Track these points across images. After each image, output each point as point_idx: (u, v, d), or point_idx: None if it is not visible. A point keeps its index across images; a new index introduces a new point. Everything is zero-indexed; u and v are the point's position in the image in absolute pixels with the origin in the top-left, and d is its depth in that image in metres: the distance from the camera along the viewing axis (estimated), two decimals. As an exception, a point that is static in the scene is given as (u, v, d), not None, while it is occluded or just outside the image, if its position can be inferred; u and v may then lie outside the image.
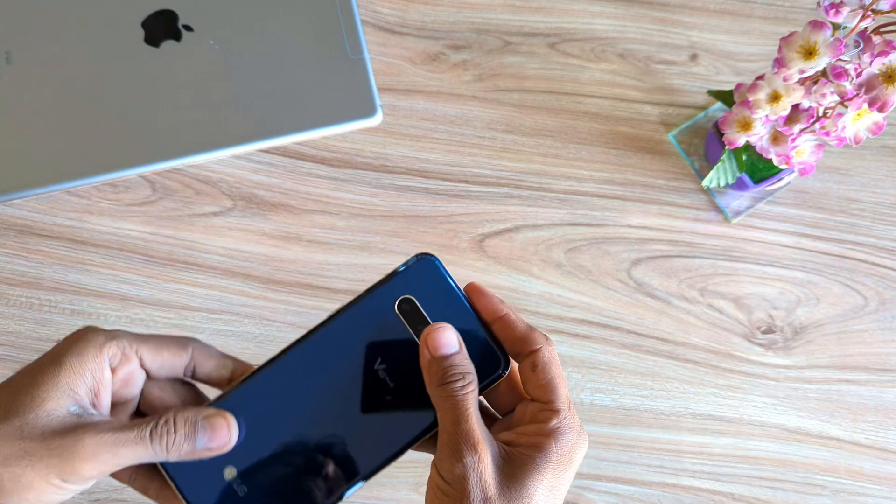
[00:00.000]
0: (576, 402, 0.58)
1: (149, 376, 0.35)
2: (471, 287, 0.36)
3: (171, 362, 0.34)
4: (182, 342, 0.35)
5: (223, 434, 0.33)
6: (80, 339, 0.33)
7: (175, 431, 0.32)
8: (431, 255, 0.35)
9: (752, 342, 0.59)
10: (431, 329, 0.34)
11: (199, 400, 0.36)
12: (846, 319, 0.59)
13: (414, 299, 0.35)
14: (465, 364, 0.34)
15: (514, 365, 0.36)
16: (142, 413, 0.35)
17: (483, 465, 0.31)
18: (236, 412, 0.34)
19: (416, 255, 0.35)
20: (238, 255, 0.59)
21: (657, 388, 0.58)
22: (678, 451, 0.57)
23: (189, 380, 0.36)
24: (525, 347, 0.35)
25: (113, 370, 0.33)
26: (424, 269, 0.35)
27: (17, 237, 0.59)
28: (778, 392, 0.58)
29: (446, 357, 0.34)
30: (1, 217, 0.59)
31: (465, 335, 0.35)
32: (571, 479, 0.34)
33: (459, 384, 0.33)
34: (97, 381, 0.32)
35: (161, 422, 0.32)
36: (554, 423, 0.33)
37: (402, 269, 0.35)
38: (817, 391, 0.58)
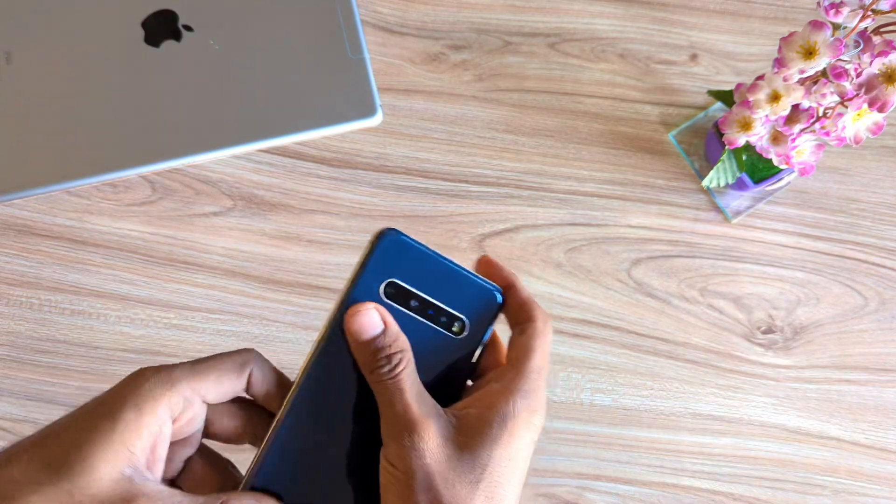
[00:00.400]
0: (576, 402, 0.58)
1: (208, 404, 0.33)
2: (483, 260, 0.35)
3: (231, 390, 0.32)
4: (240, 364, 0.32)
5: None
6: (137, 389, 0.30)
7: None
8: (390, 229, 0.33)
9: (752, 342, 0.59)
10: (350, 315, 0.32)
11: (261, 420, 0.34)
12: (846, 319, 0.59)
13: (396, 280, 0.33)
14: (393, 342, 0.32)
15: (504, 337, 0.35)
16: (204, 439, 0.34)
17: (425, 441, 0.30)
18: (276, 479, 0.32)
19: (376, 236, 0.33)
20: (238, 255, 0.59)
21: (657, 388, 0.58)
22: (678, 451, 0.57)
23: (248, 396, 0.34)
24: (522, 316, 0.34)
25: (174, 420, 0.31)
26: (390, 245, 0.33)
27: (17, 237, 0.59)
28: (778, 392, 0.58)
29: (370, 341, 0.32)
30: (1, 217, 0.59)
31: (452, 287, 0.34)
32: (531, 446, 0.32)
33: (386, 368, 0.31)
34: (155, 437, 0.30)
35: None
36: (515, 383, 0.32)
37: (371, 255, 0.33)
38: (817, 391, 0.58)
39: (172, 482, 0.33)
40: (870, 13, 0.43)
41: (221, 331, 0.58)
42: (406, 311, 0.34)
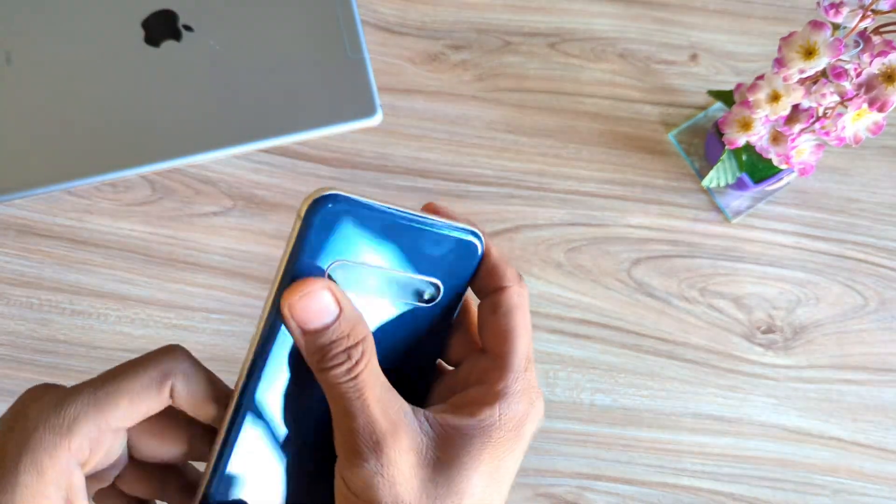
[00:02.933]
0: (576, 402, 0.58)
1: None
2: (428, 206, 0.29)
3: (148, 410, 0.26)
4: (158, 380, 0.26)
5: None
6: (28, 443, 0.24)
7: None
8: (328, 196, 0.25)
9: (752, 342, 0.59)
10: (292, 298, 0.25)
11: (197, 433, 0.29)
12: (846, 319, 0.59)
13: (343, 259, 0.26)
14: (350, 331, 0.25)
15: (474, 302, 0.30)
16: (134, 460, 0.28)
17: (395, 464, 0.24)
18: (231, 488, 0.28)
19: (309, 207, 0.25)
20: (238, 255, 0.59)
21: (657, 388, 0.58)
22: (678, 451, 0.57)
23: (176, 406, 0.28)
24: (491, 283, 0.28)
25: (83, 463, 0.25)
26: (331, 213, 0.25)
27: (17, 237, 0.59)
28: (778, 392, 0.58)
29: (320, 331, 0.25)
30: (1, 217, 0.59)
31: (418, 246, 0.27)
32: (520, 458, 0.27)
33: (343, 367, 0.25)
34: (66, 490, 0.24)
35: None
36: (500, 385, 0.26)
37: (307, 232, 0.25)
38: (817, 391, 0.58)
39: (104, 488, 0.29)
40: (870, 13, 0.43)
41: (221, 331, 0.58)
42: (362, 292, 0.27)
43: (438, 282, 0.28)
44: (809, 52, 0.44)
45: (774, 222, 0.60)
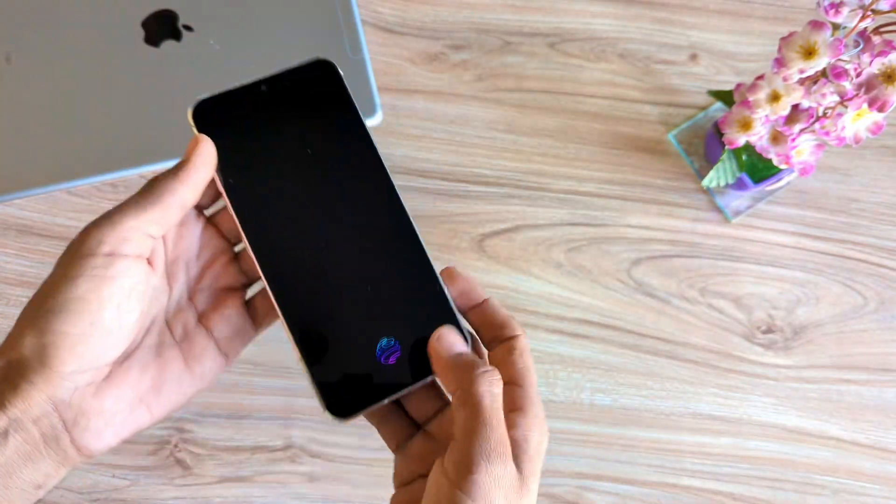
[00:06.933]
0: (576, 402, 0.58)
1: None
2: (446, 272, 0.34)
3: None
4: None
5: None
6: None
7: None
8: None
9: (752, 342, 0.59)
10: (436, 339, 0.32)
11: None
12: (846, 319, 0.59)
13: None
14: (483, 360, 0.32)
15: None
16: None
17: (509, 470, 0.29)
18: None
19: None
20: (238, 255, 0.59)
21: (657, 388, 0.58)
22: (678, 451, 0.57)
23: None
24: (504, 332, 0.33)
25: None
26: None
27: (17, 237, 0.59)
28: (778, 392, 0.58)
29: (463, 356, 0.32)
30: (1, 217, 0.59)
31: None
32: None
33: (494, 389, 0.30)
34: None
35: None
36: (532, 413, 0.31)
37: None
38: (817, 391, 0.58)
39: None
40: (870, 13, 0.43)
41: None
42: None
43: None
44: (809, 52, 0.44)
45: (774, 222, 0.60)
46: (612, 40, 0.63)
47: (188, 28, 0.60)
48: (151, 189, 0.32)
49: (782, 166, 0.51)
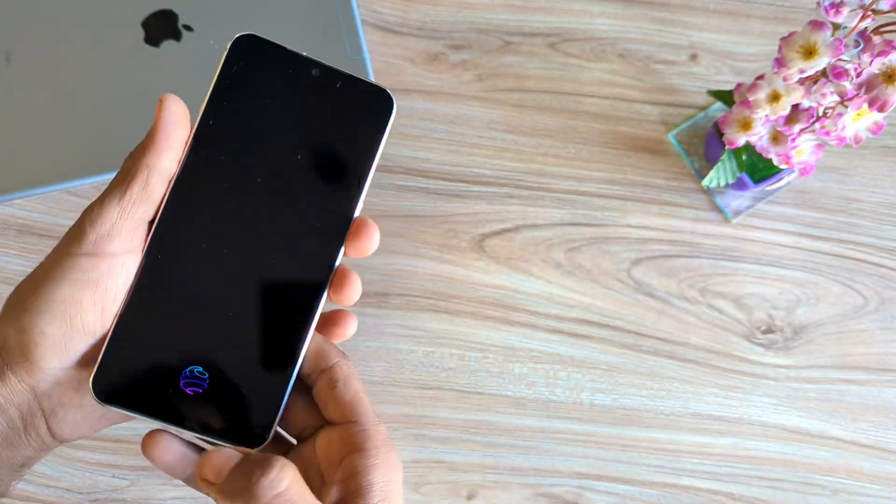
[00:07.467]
0: (576, 402, 0.58)
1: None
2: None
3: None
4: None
5: None
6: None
7: None
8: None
9: (752, 342, 0.59)
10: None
11: None
12: (846, 319, 0.59)
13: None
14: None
15: (315, 375, 0.32)
16: None
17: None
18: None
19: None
20: (238, 255, 0.59)
21: (657, 388, 0.58)
22: (678, 451, 0.57)
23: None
24: (321, 364, 0.31)
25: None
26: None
27: (17, 237, 0.59)
28: (778, 392, 0.58)
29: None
30: (1, 217, 0.59)
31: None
32: None
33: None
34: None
35: None
36: (371, 452, 0.29)
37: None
38: (817, 391, 0.58)
39: None
40: (870, 13, 0.43)
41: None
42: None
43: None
44: (809, 52, 0.44)
45: (774, 222, 0.60)
46: (612, 40, 0.63)
47: (188, 28, 0.60)
48: (127, 169, 0.30)
49: (782, 166, 0.51)
